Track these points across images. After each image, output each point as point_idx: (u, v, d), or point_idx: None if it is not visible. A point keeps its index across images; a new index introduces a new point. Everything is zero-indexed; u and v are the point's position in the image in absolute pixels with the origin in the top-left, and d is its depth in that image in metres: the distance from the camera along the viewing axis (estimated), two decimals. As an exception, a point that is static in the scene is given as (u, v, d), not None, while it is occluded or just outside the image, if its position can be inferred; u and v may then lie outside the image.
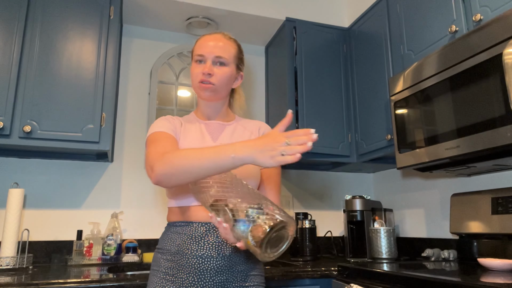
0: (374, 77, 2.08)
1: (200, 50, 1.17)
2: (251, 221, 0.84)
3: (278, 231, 0.84)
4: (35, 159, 2.03)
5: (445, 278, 1.18)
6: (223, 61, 1.17)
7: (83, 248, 1.90)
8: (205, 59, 1.17)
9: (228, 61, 1.18)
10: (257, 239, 0.83)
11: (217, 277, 1.04)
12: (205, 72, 1.14)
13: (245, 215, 0.85)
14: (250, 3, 2.29)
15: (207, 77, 1.15)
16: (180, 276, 1.04)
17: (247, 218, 0.85)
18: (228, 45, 1.20)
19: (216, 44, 1.17)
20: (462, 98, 1.41)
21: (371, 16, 2.15)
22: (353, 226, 2.20)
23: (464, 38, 1.43)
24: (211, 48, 1.17)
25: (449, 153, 1.45)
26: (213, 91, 1.17)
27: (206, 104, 1.23)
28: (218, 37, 1.20)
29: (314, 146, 2.14)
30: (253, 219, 0.84)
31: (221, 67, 1.17)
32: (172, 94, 2.42)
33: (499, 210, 1.60)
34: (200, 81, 1.15)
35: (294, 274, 1.63)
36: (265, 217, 0.84)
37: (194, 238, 1.06)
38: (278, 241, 0.86)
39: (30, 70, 1.78)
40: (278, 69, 2.39)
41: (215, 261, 1.04)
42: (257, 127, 1.26)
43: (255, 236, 0.83)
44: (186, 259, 1.05)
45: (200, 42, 1.20)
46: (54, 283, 1.36)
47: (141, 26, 2.41)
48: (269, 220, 0.83)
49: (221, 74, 1.16)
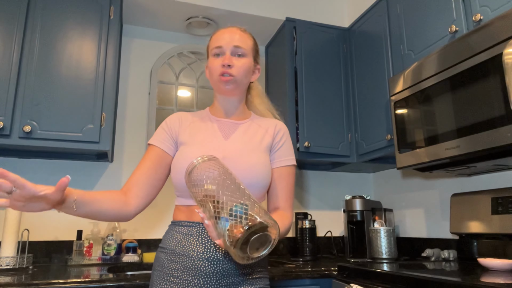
0: (374, 77, 2.08)
1: (217, 42, 1.15)
2: (232, 219, 0.83)
3: (258, 234, 0.82)
4: (35, 159, 2.03)
5: (445, 278, 1.18)
6: (242, 52, 1.15)
7: (83, 248, 1.90)
8: (224, 51, 1.14)
9: (246, 52, 1.16)
10: (233, 238, 0.81)
11: (223, 280, 1.02)
12: (225, 63, 1.11)
13: (228, 213, 0.84)
14: (250, 3, 2.29)
15: (227, 69, 1.12)
16: (185, 278, 1.02)
17: (230, 216, 0.83)
18: (245, 36, 1.18)
19: (233, 35, 1.15)
20: (462, 98, 1.41)
21: (371, 16, 2.15)
22: (353, 226, 2.20)
23: (464, 38, 1.43)
24: (228, 39, 1.15)
25: (449, 153, 1.45)
26: (234, 83, 1.13)
27: (225, 99, 1.19)
28: (234, 30, 1.18)
29: (314, 146, 2.14)
30: (235, 217, 0.83)
31: (240, 58, 1.14)
32: (172, 94, 2.42)
33: (499, 210, 1.60)
34: (221, 74, 1.12)
35: (294, 274, 1.63)
36: (246, 217, 0.82)
37: (200, 240, 1.04)
38: (260, 244, 0.84)
39: (30, 70, 1.78)
40: (278, 69, 2.39)
41: (222, 264, 1.02)
42: (274, 125, 1.22)
43: (231, 236, 0.81)
44: (192, 262, 1.02)
45: (215, 36, 1.18)
46: (54, 283, 1.36)
47: (141, 26, 2.41)
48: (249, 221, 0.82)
49: (240, 65, 1.13)
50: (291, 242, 2.39)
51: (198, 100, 2.47)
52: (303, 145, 2.11)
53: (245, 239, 0.81)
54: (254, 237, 0.82)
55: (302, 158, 2.14)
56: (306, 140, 2.12)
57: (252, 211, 0.84)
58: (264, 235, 0.83)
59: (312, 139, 2.15)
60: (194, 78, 2.49)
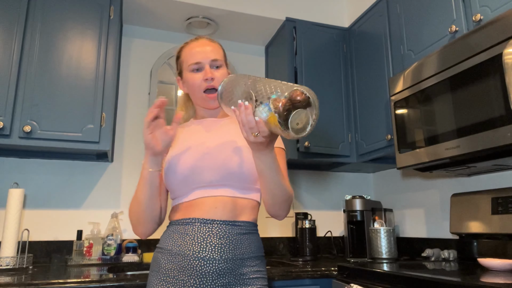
0: (374, 77, 2.08)
1: (194, 58, 1.17)
2: (275, 94, 0.84)
3: (300, 109, 0.83)
4: (35, 159, 2.03)
5: (445, 278, 1.18)
6: (218, 64, 1.18)
7: (83, 248, 1.90)
8: (202, 66, 1.17)
9: (222, 62, 1.20)
10: (277, 108, 0.82)
11: (219, 280, 1.02)
12: (208, 77, 1.14)
13: (270, 93, 0.85)
14: (250, 3, 2.29)
15: (210, 82, 1.15)
16: (181, 278, 1.02)
17: (272, 95, 0.84)
18: (216, 47, 1.21)
19: (207, 48, 1.18)
20: (462, 98, 1.41)
21: (371, 16, 2.15)
22: (353, 226, 2.20)
23: (464, 38, 1.43)
24: (204, 53, 1.17)
25: (449, 153, 1.45)
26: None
27: (209, 110, 1.23)
28: (205, 42, 1.20)
29: (314, 146, 2.14)
30: (277, 93, 0.83)
31: (218, 69, 1.18)
32: (172, 94, 2.42)
33: (499, 210, 1.60)
34: (205, 89, 1.15)
35: (294, 274, 1.63)
36: (290, 92, 0.83)
37: (196, 239, 1.04)
38: (301, 122, 0.84)
39: (30, 70, 1.78)
40: (278, 69, 2.39)
41: (217, 263, 1.02)
42: None
43: (276, 106, 0.82)
44: (188, 261, 1.03)
45: (189, 51, 1.20)
46: (54, 283, 1.36)
47: (141, 26, 2.41)
48: (291, 94, 0.82)
49: (220, 77, 1.16)
50: (291, 242, 2.39)
51: (198, 100, 2.46)
52: (303, 145, 2.11)
53: (286, 112, 0.82)
54: (296, 111, 0.83)
55: (302, 158, 2.14)
56: (306, 140, 2.12)
57: (292, 87, 0.84)
58: (305, 113, 0.84)
59: (312, 139, 2.15)
60: (194, 78, 2.49)
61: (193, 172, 1.09)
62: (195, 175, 1.09)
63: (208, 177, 1.09)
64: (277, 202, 1.07)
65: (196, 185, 1.10)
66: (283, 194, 1.06)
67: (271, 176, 1.01)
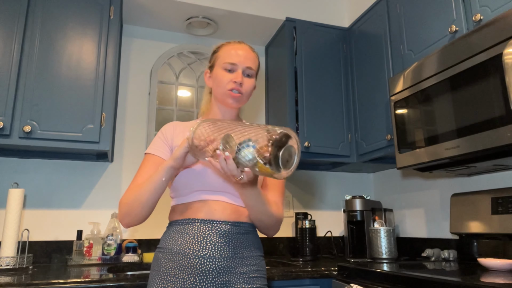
0: (374, 77, 2.08)
1: (232, 59, 1.18)
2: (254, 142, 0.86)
3: (284, 146, 0.86)
4: (35, 159, 2.03)
5: (445, 278, 1.18)
6: (251, 73, 1.20)
7: (83, 248, 1.90)
8: (237, 68, 1.18)
9: (254, 73, 1.21)
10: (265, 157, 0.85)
11: (219, 279, 1.03)
12: (237, 81, 1.16)
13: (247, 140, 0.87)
14: (250, 3, 2.29)
15: (239, 86, 1.16)
16: (181, 277, 1.03)
17: (249, 141, 0.87)
18: (255, 57, 1.23)
19: (247, 55, 1.20)
20: (462, 98, 1.41)
21: (371, 16, 2.15)
22: (353, 226, 2.20)
23: (464, 38, 1.43)
24: (243, 58, 1.19)
25: (449, 153, 1.45)
26: (241, 101, 1.19)
27: (226, 109, 1.23)
28: (246, 48, 1.22)
29: (314, 146, 2.14)
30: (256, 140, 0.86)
31: (248, 78, 1.20)
32: (172, 94, 2.42)
33: (499, 210, 1.60)
34: (231, 89, 1.16)
35: (294, 274, 1.63)
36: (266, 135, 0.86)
37: (196, 238, 1.05)
38: (288, 156, 0.87)
39: (30, 70, 1.78)
40: (278, 69, 2.39)
41: (217, 262, 1.03)
42: None
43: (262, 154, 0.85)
44: (188, 259, 1.03)
45: (228, 50, 1.20)
46: (54, 283, 1.36)
47: (141, 26, 2.41)
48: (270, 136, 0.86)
49: (248, 85, 1.19)
50: (291, 242, 2.39)
51: (198, 100, 2.46)
52: (303, 145, 2.11)
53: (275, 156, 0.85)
54: (282, 152, 0.86)
55: (302, 158, 2.14)
56: (306, 140, 2.12)
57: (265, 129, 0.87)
58: (287, 148, 0.87)
59: (312, 139, 2.15)
60: (194, 78, 2.49)
61: (198, 174, 1.11)
62: (199, 178, 1.11)
63: (211, 182, 1.11)
64: (265, 226, 1.14)
65: (199, 188, 1.11)
66: (270, 220, 1.12)
67: (257, 207, 1.08)
